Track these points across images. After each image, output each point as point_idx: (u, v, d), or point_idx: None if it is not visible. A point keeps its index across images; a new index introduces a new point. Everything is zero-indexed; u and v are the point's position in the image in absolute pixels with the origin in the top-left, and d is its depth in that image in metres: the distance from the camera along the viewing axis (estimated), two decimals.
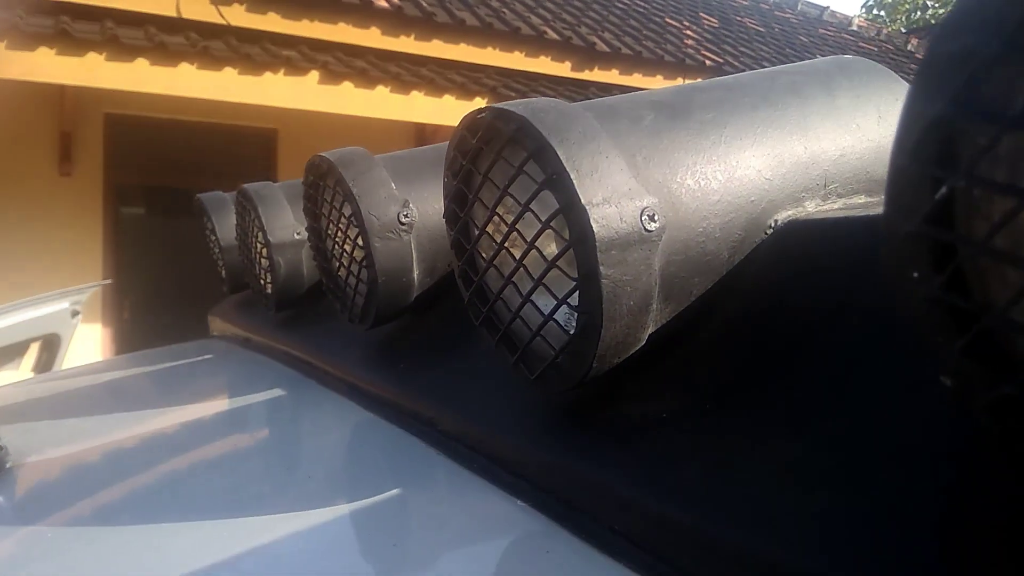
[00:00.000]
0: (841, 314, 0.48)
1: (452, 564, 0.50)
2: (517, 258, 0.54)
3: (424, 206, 0.84)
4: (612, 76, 7.46)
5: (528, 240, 0.52)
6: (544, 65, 7.16)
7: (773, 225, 0.54)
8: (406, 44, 6.50)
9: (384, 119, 6.11)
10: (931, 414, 0.38)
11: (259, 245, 1.17)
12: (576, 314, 0.51)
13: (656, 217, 0.49)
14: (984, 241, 0.26)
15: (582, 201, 0.47)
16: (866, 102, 0.60)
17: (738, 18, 9.44)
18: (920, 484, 0.36)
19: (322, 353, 0.99)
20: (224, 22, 5.62)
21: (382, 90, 6.01)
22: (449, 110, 6.23)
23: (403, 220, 0.82)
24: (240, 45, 5.53)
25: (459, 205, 0.60)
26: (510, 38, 6.89)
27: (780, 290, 0.52)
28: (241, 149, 6.91)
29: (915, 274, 0.29)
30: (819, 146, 0.57)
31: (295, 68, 5.49)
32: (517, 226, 0.53)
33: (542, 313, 0.53)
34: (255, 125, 6.65)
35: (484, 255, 0.58)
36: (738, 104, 0.56)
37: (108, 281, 5.08)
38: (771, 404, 0.47)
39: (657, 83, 7.61)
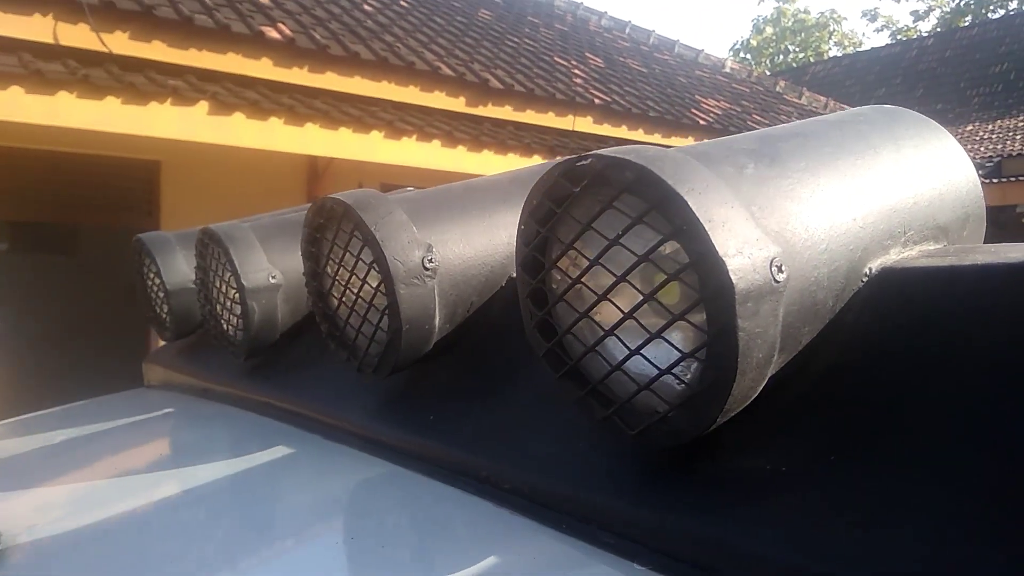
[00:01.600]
0: (950, 361, 0.49)
1: None
2: (624, 310, 0.52)
3: (443, 250, 0.81)
4: (506, 112, 7.58)
5: (645, 292, 0.50)
6: (439, 100, 7.20)
7: (868, 273, 0.55)
8: (299, 76, 6.38)
9: (277, 151, 5.96)
10: None
11: (227, 289, 1.10)
12: (694, 366, 0.50)
13: (783, 267, 0.48)
14: None
15: (719, 253, 0.46)
16: (923, 151, 0.63)
17: (621, 59, 9.82)
18: None
19: (319, 403, 0.93)
20: (106, 50, 5.34)
21: (275, 122, 5.87)
22: (345, 143, 6.15)
23: (427, 266, 0.79)
24: (123, 74, 5.26)
25: (541, 252, 0.58)
26: (405, 72, 6.89)
27: (884, 338, 0.52)
28: (120, 182, 6.54)
29: None
30: (896, 194, 0.59)
31: (183, 98, 5.27)
32: (627, 277, 0.51)
33: (657, 367, 0.51)
34: (135, 157, 6.32)
35: (575, 306, 0.56)
36: (821, 153, 0.57)
37: None
38: (899, 453, 0.47)
39: (549, 120, 7.79)
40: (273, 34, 6.10)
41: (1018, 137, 13.99)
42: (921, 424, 0.48)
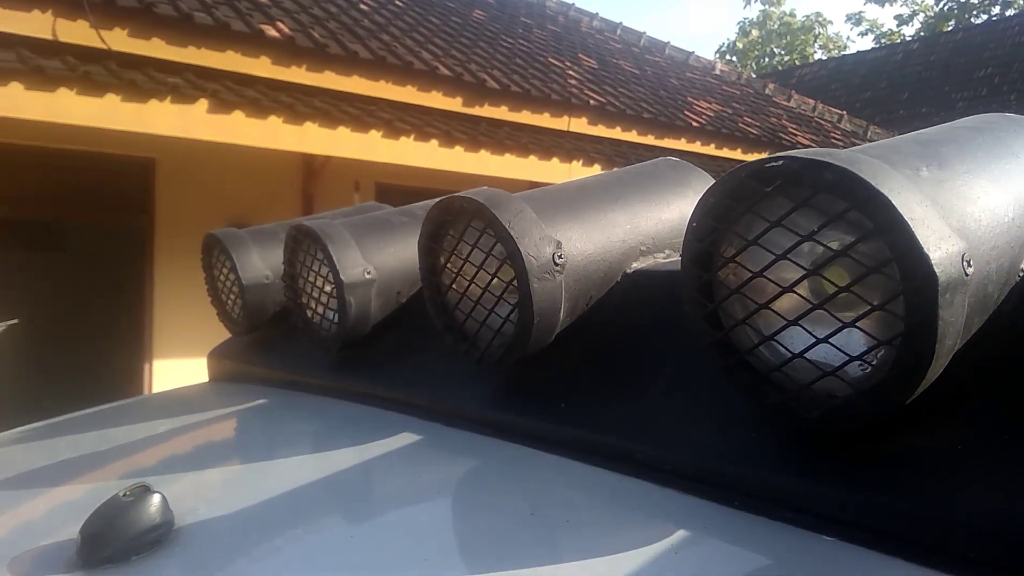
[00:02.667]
0: None
1: None
2: (812, 301, 0.56)
3: (568, 246, 0.85)
4: (502, 112, 7.61)
5: (840, 285, 0.55)
6: (436, 100, 7.22)
7: None
8: (298, 74, 6.38)
9: (272, 149, 5.95)
10: None
11: (323, 283, 1.13)
12: (881, 353, 0.54)
13: (971, 262, 0.53)
14: None
15: (923, 247, 0.50)
16: None
17: (614, 60, 9.88)
18: None
19: (429, 392, 0.96)
20: (105, 47, 5.31)
21: (275, 120, 5.86)
22: (344, 142, 6.16)
23: (557, 261, 0.83)
24: (122, 71, 5.24)
25: (712, 247, 0.62)
26: (403, 72, 6.90)
27: None
28: (113, 179, 6.50)
29: None
30: None
31: (183, 96, 5.26)
32: (820, 271, 0.55)
33: (847, 354, 0.55)
34: (130, 154, 6.29)
35: (754, 300, 0.60)
36: (976, 158, 0.62)
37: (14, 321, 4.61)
38: None
39: (545, 120, 7.83)
40: (272, 32, 6.10)
41: None
42: None
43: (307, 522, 0.74)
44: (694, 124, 8.96)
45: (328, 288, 1.12)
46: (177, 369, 6.16)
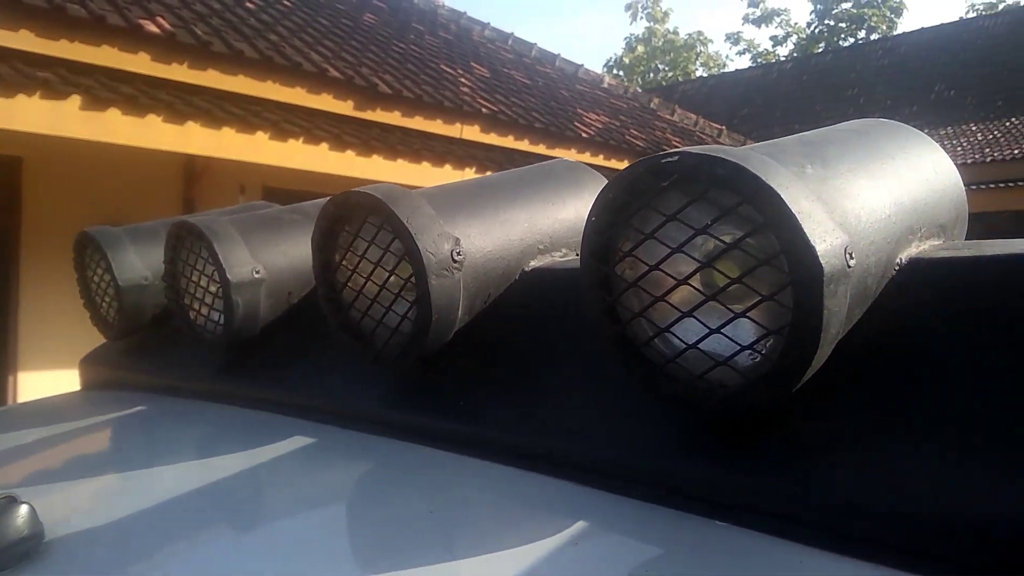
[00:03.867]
0: (974, 338, 0.58)
1: None
2: (705, 294, 0.58)
3: (467, 243, 0.84)
4: (394, 117, 7.55)
5: (717, 278, 0.56)
6: (326, 103, 7.08)
7: (900, 263, 0.63)
8: (179, 72, 6.13)
9: (152, 150, 5.69)
10: None
11: (208, 283, 1.08)
12: (770, 343, 0.56)
13: (854, 255, 0.55)
14: None
15: (810, 240, 0.52)
16: (925, 159, 0.73)
17: (505, 69, 9.97)
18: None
19: (320, 394, 0.93)
20: None
21: (154, 119, 5.61)
22: (228, 143, 5.95)
23: (456, 258, 0.82)
24: None
25: (611, 241, 0.63)
26: (291, 73, 6.74)
27: (917, 321, 0.61)
28: None
29: None
30: (912, 196, 0.67)
31: (53, 91, 4.95)
32: (712, 264, 0.57)
33: (738, 343, 0.57)
34: None
35: (651, 292, 0.61)
36: (857, 159, 0.65)
37: None
38: (930, 414, 0.56)
39: (437, 127, 7.81)
40: (152, 28, 5.83)
41: None
42: (950, 391, 0.56)
43: (188, 531, 0.70)
44: (584, 135, 9.15)
45: (213, 288, 1.07)
46: (45, 381, 5.77)
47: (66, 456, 0.95)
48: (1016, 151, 12.71)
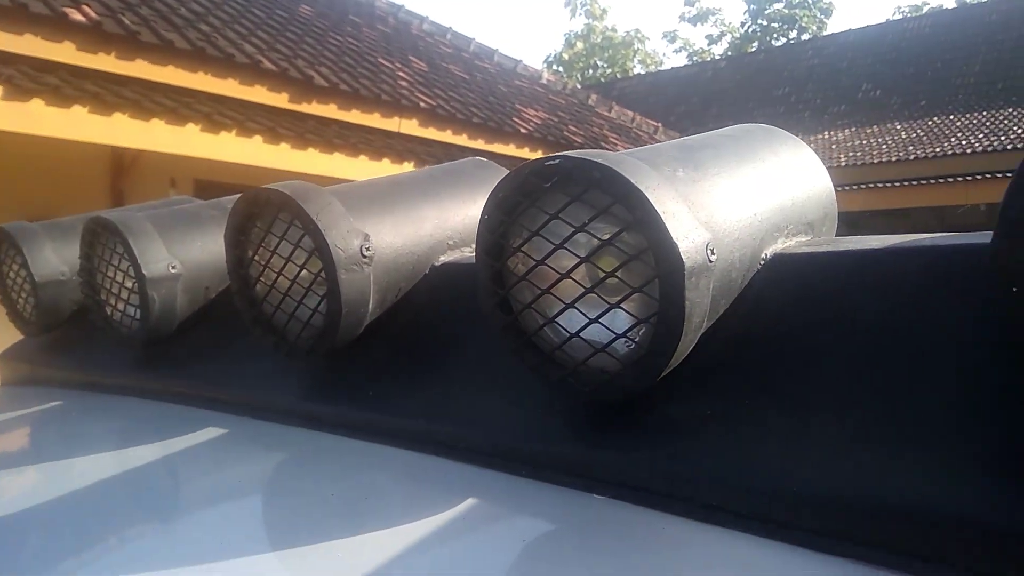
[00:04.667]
0: (830, 324, 0.64)
1: (575, 554, 0.57)
2: (584, 286, 0.63)
3: (377, 239, 0.88)
4: (330, 110, 7.48)
5: (604, 269, 0.61)
6: (260, 95, 6.98)
7: (765, 257, 0.69)
8: (106, 62, 5.97)
9: (78, 141, 5.53)
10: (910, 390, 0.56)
11: (124, 279, 1.09)
12: (641, 331, 0.62)
13: (715, 251, 0.61)
14: None
15: (673, 238, 0.58)
16: (795, 161, 0.79)
17: (444, 64, 9.95)
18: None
19: (237, 387, 0.96)
20: None
21: (79, 110, 5.46)
22: (157, 135, 5.83)
23: (365, 253, 0.85)
24: None
25: (504, 239, 0.67)
26: (224, 64, 6.63)
27: (783, 310, 0.67)
28: None
29: (1015, 289, 0.45)
30: (782, 196, 0.74)
31: None
32: (590, 259, 0.62)
33: (613, 331, 0.62)
34: None
35: (538, 285, 0.66)
36: (727, 161, 0.71)
37: None
38: (792, 396, 0.61)
39: (375, 120, 7.76)
40: (77, 16, 5.66)
41: None
42: (809, 373, 0.62)
43: (104, 524, 0.72)
44: (522, 131, 9.21)
45: (129, 283, 1.08)
46: None
47: None
48: (938, 149, 13.25)
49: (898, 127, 15.38)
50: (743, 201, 0.69)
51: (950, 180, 11.22)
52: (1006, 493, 0.49)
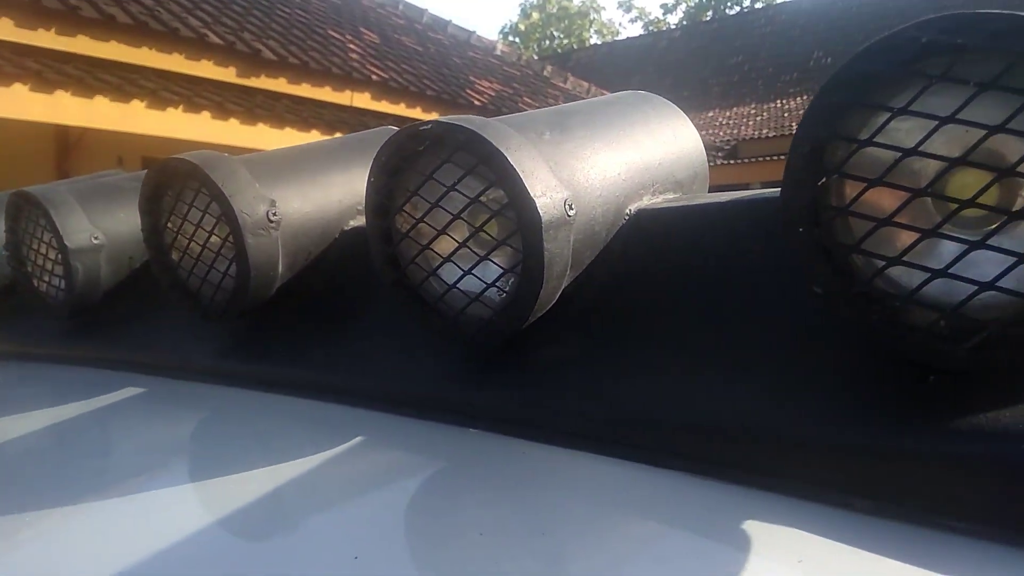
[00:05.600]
0: (684, 271, 0.71)
1: (459, 480, 0.64)
2: (459, 241, 0.69)
3: (284, 206, 0.93)
4: (280, 84, 7.40)
5: (475, 225, 0.67)
6: (207, 69, 6.88)
7: (630, 213, 0.76)
8: (46, 39, 5.84)
9: (19, 120, 5.43)
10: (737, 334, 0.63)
11: (48, 251, 1.12)
12: (510, 281, 0.68)
13: (573, 206, 0.67)
14: (844, 209, 0.50)
15: (530, 194, 0.63)
16: (666, 125, 0.85)
17: (396, 36, 9.87)
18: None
19: (158, 351, 1.00)
20: None
21: (20, 88, 5.35)
22: (102, 113, 5.74)
23: (271, 218, 0.90)
24: None
25: (389, 199, 0.73)
26: (168, 39, 6.52)
27: (642, 260, 0.73)
28: None
29: (800, 229, 0.52)
30: (648, 157, 0.80)
31: None
32: (461, 215, 0.68)
33: (484, 282, 0.68)
34: None
35: (418, 241, 0.72)
36: (597, 126, 0.77)
37: None
38: (648, 337, 0.68)
39: (326, 94, 7.70)
40: None
41: (751, 123, 15.84)
42: (664, 315, 0.69)
43: (31, 485, 0.76)
44: (476, 103, 9.19)
45: (53, 255, 1.11)
46: None
47: None
48: None
49: None
50: (608, 162, 0.75)
51: None
52: (818, 412, 0.56)
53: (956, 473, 0.49)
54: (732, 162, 13.42)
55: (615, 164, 0.75)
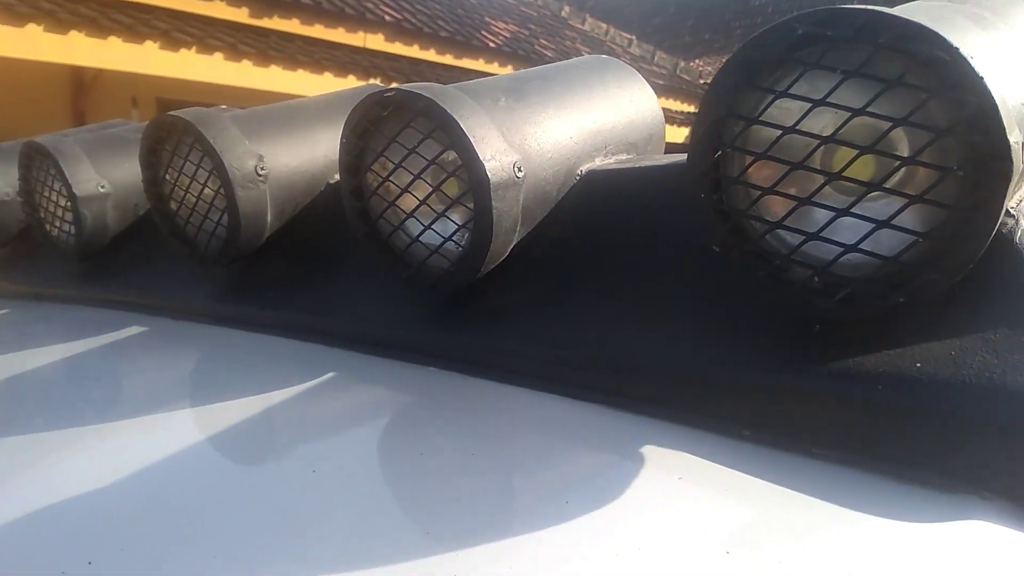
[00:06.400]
0: (629, 227, 0.78)
1: (425, 411, 0.73)
2: (420, 198, 0.76)
3: (272, 160, 1.00)
4: (293, 25, 7.36)
5: (433, 185, 0.75)
6: (220, 10, 6.86)
7: (580, 173, 0.83)
8: None
9: (35, 61, 5.47)
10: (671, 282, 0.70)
11: (58, 198, 1.20)
12: (465, 236, 0.76)
13: (521, 168, 0.74)
14: (735, 178, 0.57)
15: (480, 158, 0.71)
16: (622, 90, 0.91)
17: None
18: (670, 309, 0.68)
19: (161, 293, 1.10)
20: None
21: (34, 28, 5.37)
22: (115, 53, 5.76)
23: (260, 172, 0.98)
24: None
25: (359, 159, 0.80)
26: None
27: (588, 218, 0.80)
28: None
29: (702, 195, 0.59)
30: (601, 120, 0.86)
31: None
32: (421, 175, 0.75)
33: (442, 236, 0.76)
34: None
35: (385, 198, 0.79)
36: (553, 92, 0.84)
37: None
38: (595, 287, 0.76)
39: (339, 35, 7.66)
40: None
41: None
42: (611, 267, 0.77)
43: (43, 419, 0.86)
44: (491, 44, 9.10)
45: (63, 203, 1.20)
46: None
47: None
48: None
49: None
50: (560, 126, 0.82)
51: None
52: (722, 355, 0.64)
53: (822, 407, 0.57)
54: None
55: (567, 128, 0.82)
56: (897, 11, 0.50)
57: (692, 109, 12.07)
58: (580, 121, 0.84)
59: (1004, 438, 0.50)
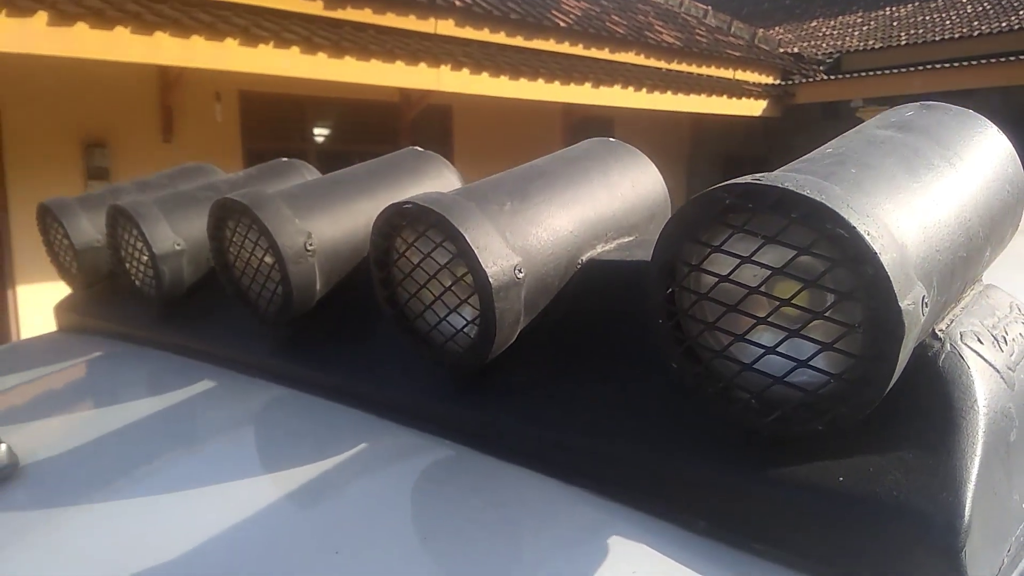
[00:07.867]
0: (622, 320, 0.88)
1: (442, 474, 0.85)
2: (435, 294, 0.88)
3: (319, 235, 1.13)
4: (366, 15, 7.54)
5: (445, 285, 0.86)
6: (295, 3, 7.08)
7: (581, 262, 0.93)
8: None
9: (124, 62, 5.78)
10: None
11: (140, 255, 1.37)
12: (475, 331, 0.87)
13: (522, 269, 0.85)
14: (683, 313, 0.66)
15: (482, 266, 0.82)
16: (625, 175, 1.00)
17: None
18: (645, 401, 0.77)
19: (227, 344, 1.25)
20: None
21: (121, 31, 5.67)
22: (198, 51, 6.02)
23: (308, 248, 1.11)
24: None
25: (386, 255, 0.92)
26: None
27: (589, 304, 0.90)
28: None
29: (659, 321, 0.68)
30: (601, 210, 0.96)
31: (17, 8, 5.02)
32: (436, 276, 0.87)
33: (454, 328, 0.88)
34: None
35: (408, 290, 0.91)
36: (555, 188, 0.93)
37: None
38: (596, 370, 0.86)
39: (411, 23, 7.79)
40: None
41: (856, 33, 14.95)
42: (595, 353, 0.87)
43: (141, 460, 1.01)
44: (562, 24, 9.08)
45: (144, 259, 1.36)
46: (45, 293, 6.11)
47: (34, 396, 1.27)
48: (1005, 24, 12.53)
49: (964, 0, 14.51)
50: (560, 222, 0.91)
51: (1021, 57, 10.58)
52: (687, 452, 0.73)
53: (764, 507, 0.66)
54: (834, 77, 12.78)
55: (568, 222, 0.92)
56: (810, 184, 0.58)
57: (771, 80, 11.76)
58: (581, 213, 0.94)
59: (901, 551, 0.59)
